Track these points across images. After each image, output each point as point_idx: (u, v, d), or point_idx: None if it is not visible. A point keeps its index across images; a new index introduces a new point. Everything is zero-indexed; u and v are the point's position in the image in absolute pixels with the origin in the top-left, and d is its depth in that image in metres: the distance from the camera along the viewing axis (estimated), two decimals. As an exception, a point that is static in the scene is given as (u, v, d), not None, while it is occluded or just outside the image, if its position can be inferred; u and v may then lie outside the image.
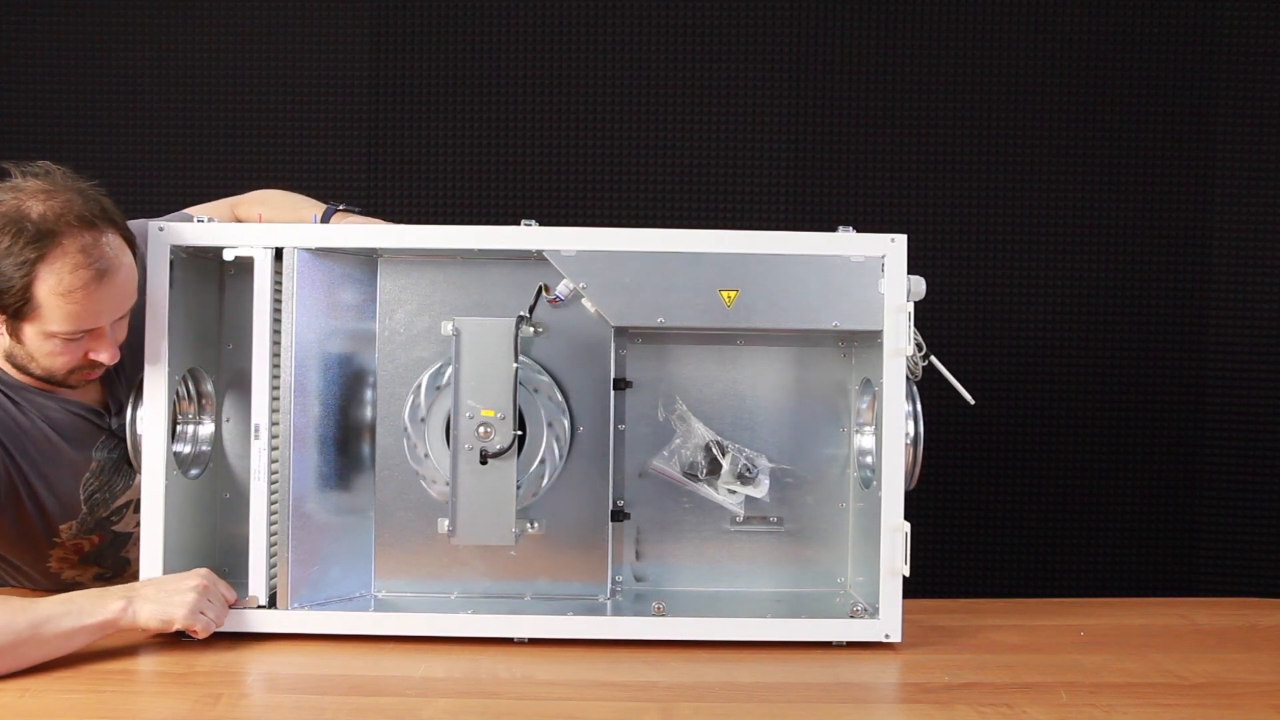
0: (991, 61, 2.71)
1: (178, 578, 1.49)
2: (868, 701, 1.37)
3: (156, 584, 1.48)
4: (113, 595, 1.43)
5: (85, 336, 1.49)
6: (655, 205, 2.72)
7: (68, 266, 1.42)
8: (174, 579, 1.49)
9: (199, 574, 1.50)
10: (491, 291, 1.63)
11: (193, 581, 1.48)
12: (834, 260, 1.55)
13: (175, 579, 1.49)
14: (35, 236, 1.41)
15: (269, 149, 2.72)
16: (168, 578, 1.51)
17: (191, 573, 1.50)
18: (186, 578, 1.49)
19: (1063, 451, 2.72)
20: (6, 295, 1.43)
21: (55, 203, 1.44)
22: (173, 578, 1.50)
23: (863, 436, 1.68)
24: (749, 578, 1.70)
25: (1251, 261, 2.70)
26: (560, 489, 1.64)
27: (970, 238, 2.71)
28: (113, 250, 1.46)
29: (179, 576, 1.50)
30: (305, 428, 1.56)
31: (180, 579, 1.49)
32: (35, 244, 1.41)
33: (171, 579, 1.49)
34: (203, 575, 1.49)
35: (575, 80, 2.74)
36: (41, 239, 1.41)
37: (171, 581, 1.49)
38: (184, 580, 1.48)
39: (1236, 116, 2.69)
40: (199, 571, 1.50)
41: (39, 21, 2.73)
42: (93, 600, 1.41)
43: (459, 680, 1.39)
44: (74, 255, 1.43)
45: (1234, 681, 1.42)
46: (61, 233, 1.43)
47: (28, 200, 1.43)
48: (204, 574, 1.50)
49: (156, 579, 1.51)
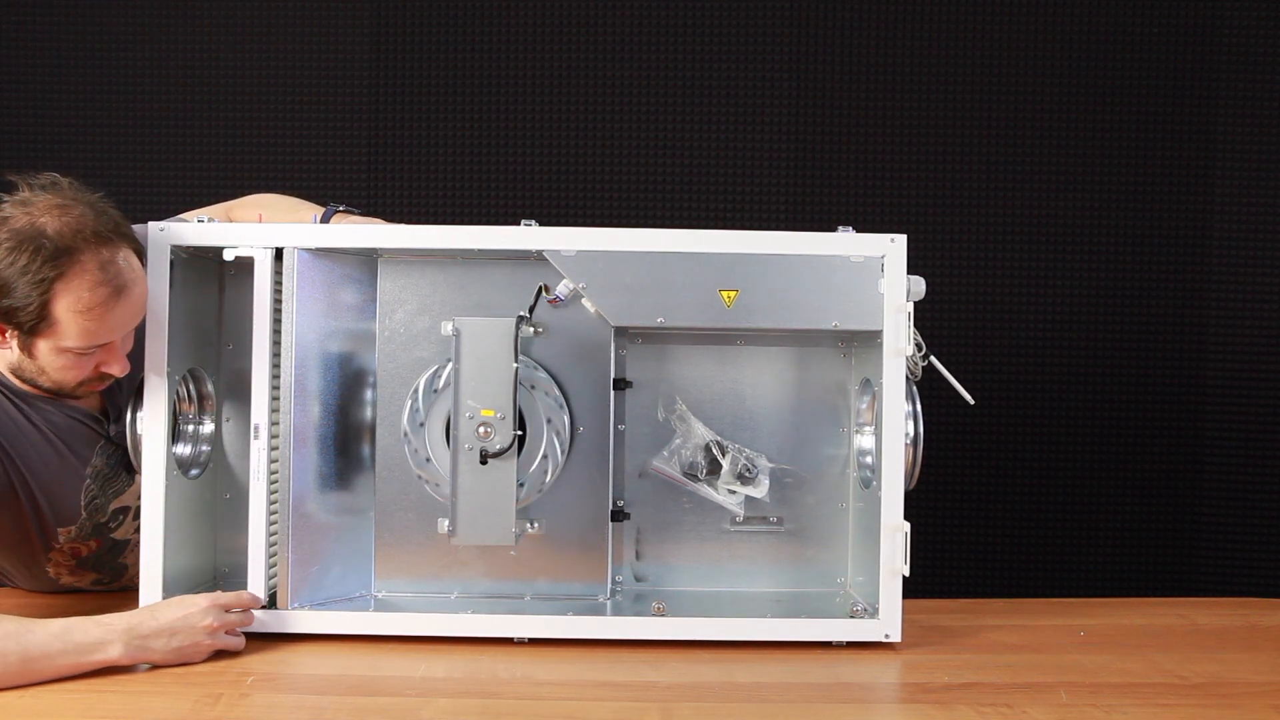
0: (991, 61, 2.71)
1: (183, 616, 1.41)
2: (868, 701, 1.37)
3: (167, 632, 1.39)
4: (111, 639, 1.35)
5: (98, 350, 1.48)
6: (655, 205, 2.72)
7: (86, 284, 1.41)
8: (179, 619, 1.40)
9: (203, 612, 1.42)
10: (491, 291, 1.63)
11: (203, 622, 1.41)
12: (834, 260, 1.55)
13: (180, 618, 1.40)
14: (53, 254, 1.39)
15: (269, 149, 2.72)
16: (172, 618, 1.40)
17: (196, 609, 1.42)
18: (191, 617, 1.41)
19: (1063, 451, 2.72)
20: (22, 313, 1.41)
21: (70, 218, 1.42)
22: (176, 618, 1.40)
23: (863, 436, 1.68)
24: (749, 578, 1.70)
25: (1251, 261, 2.70)
26: (560, 489, 1.64)
27: (970, 238, 2.71)
28: (129, 266, 1.45)
29: (183, 614, 1.41)
30: (305, 428, 1.56)
31: (185, 618, 1.40)
32: (53, 262, 1.39)
33: (176, 619, 1.40)
34: (208, 612, 1.42)
35: (575, 80, 2.74)
36: (59, 256, 1.39)
37: (181, 627, 1.40)
38: (190, 622, 1.41)
39: (1236, 116, 2.69)
40: (201, 606, 1.42)
41: (39, 21, 2.73)
42: (90, 640, 1.34)
43: (459, 680, 1.39)
44: (93, 273, 1.41)
45: (1234, 681, 1.42)
46: (79, 249, 1.41)
47: (41, 216, 1.41)
48: (207, 609, 1.42)
49: (163, 618, 1.40)
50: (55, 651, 1.32)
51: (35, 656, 1.31)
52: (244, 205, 1.90)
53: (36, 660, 1.31)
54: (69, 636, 1.34)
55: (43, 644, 1.32)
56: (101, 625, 1.37)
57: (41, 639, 1.32)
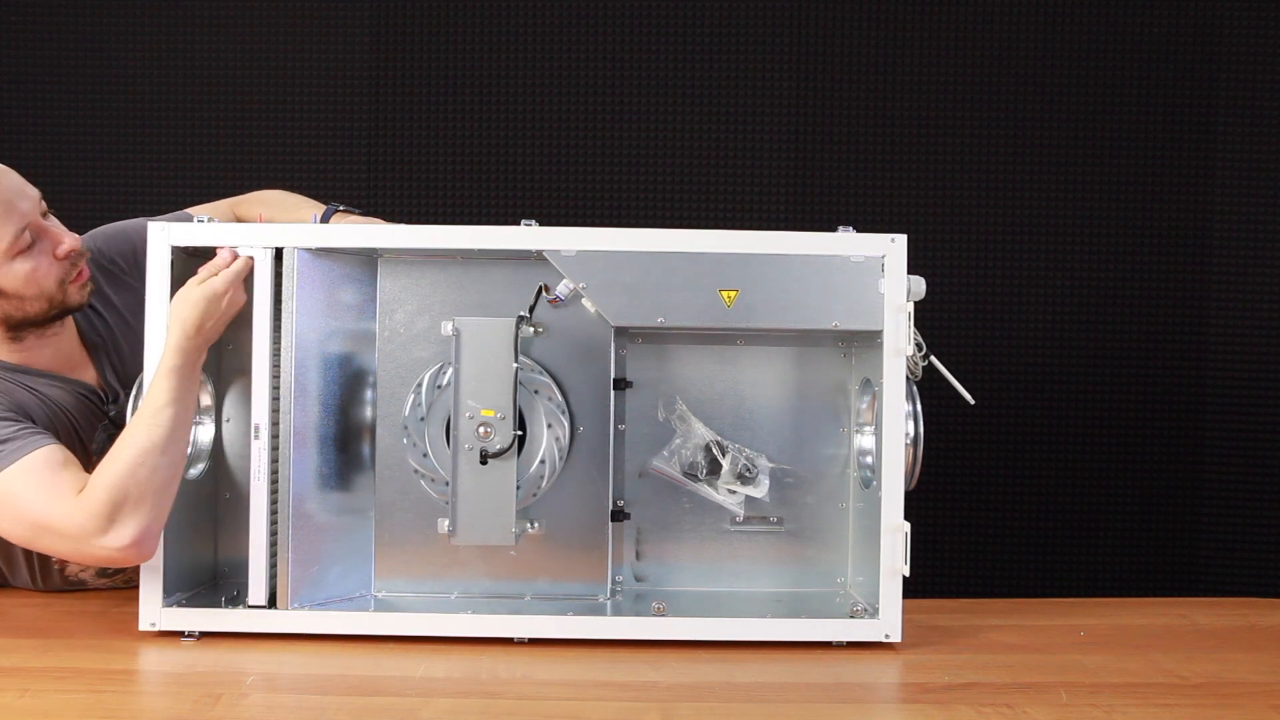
0: (991, 62, 2.71)
1: (200, 303, 1.49)
2: (868, 701, 1.37)
3: (199, 319, 1.48)
4: (177, 356, 1.46)
5: (37, 238, 1.53)
6: (655, 205, 2.72)
7: None
8: (203, 308, 1.49)
9: (203, 289, 1.49)
10: (491, 291, 1.63)
11: (216, 291, 1.49)
12: (834, 260, 1.55)
13: (202, 310, 1.49)
14: None
15: (269, 149, 2.72)
16: (199, 314, 1.49)
17: (203, 295, 1.49)
18: (205, 299, 1.49)
19: (1063, 451, 2.72)
20: None
21: None
22: (201, 312, 1.49)
23: (863, 436, 1.68)
24: (749, 578, 1.70)
25: (1251, 261, 2.70)
26: (560, 489, 1.64)
27: (970, 238, 2.71)
28: None
29: (201, 302, 1.49)
30: (305, 428, 1.56)
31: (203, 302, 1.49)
32: None
33: (202, 311, 1.49)
34: (208, 283, 1.50)
35: (575, 80, 2.73)
36: None
37: (211, 312, 1.49)
38: (209, 301, 1.49)
39: (1236, 116, 2.69)
40: (201, 292, 1.49)
41: (39, 21, 2.73)
42: (162, 364, 1.46)
43: (459, 680, 1.39)
44: None
45: (1234, 681, 1.42)
46: None
47: None
48: (206, 286, 1.49)
49: (189, 317, 1.48)
50: (150, 409, 1.45)
51: (150, 426, 1.44)
52: (248, 202, 1.90)
53: (155, 419, 1.44)
54: (160, 391, 1.45)
55: (140, 423, 1.44)
56: (166, 357, 1.47)
57: (136, 424, 1.45)
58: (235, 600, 1.56)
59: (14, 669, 1.39)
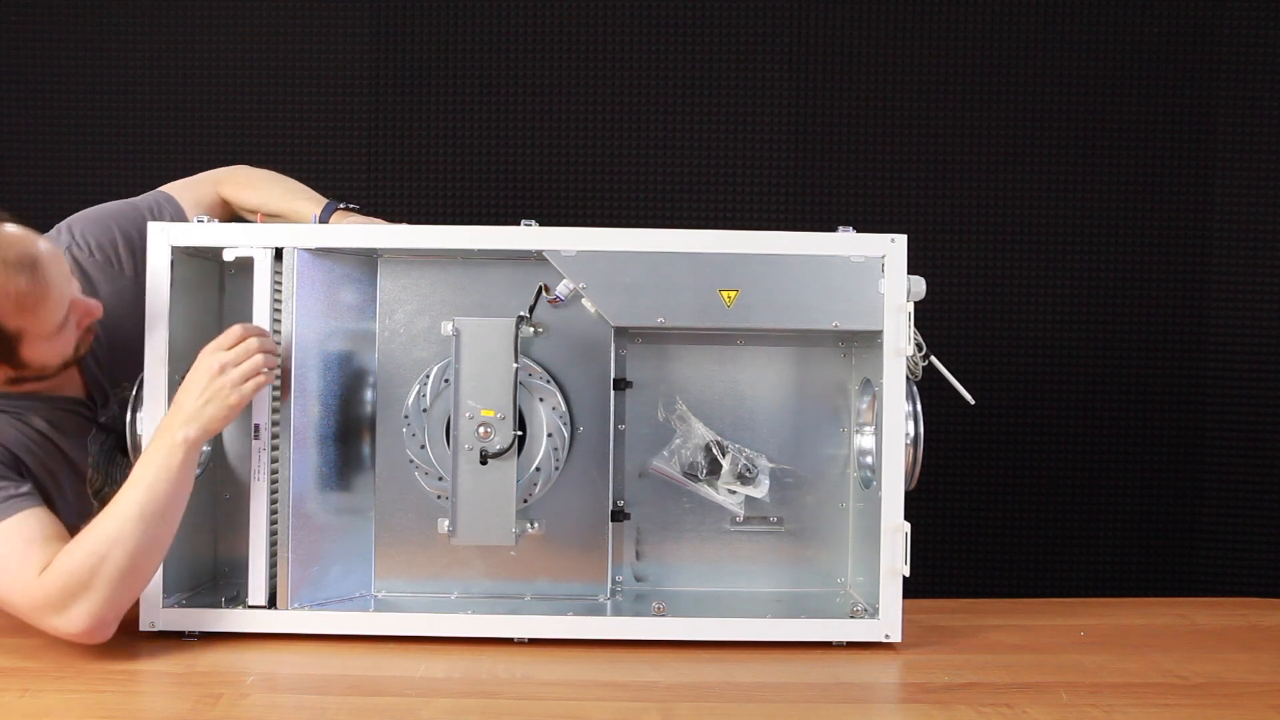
0: (991, 62, 2.71)
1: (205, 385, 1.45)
2: (868, 701, 1.37)
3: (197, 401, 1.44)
4: (168, 435, 1.43)
5: (68, 313, 1.49)
6: (655, 205, 2.72)
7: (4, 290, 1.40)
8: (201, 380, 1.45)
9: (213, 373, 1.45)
10: (491, 291, 1.63)
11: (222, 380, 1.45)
12: (834, 260, 1.55)
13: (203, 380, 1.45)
14: None
15: (269, 149, 2.72)
16: (198, 396, 1.45)
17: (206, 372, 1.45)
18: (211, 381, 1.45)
19: (1063, 451, 2.72)
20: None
21: None
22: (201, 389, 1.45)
23: (863, 436, 1.68)
24: (749, 578, 1.70)
25: (1251, 261, 2.70)
26: (560, 489, 1.64)
27: (970, 238, 2.71)
28: (15, 240, 1.42)
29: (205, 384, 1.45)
30: (305, 428, 1.56)
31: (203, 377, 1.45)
32: None
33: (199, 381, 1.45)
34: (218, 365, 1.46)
35: (575, 80, 2.74)
36: None
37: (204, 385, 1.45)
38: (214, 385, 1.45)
39: (1236, 116, 2.69)
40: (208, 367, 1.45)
41: (39, 21, 2.73)
42: (161, 454, 1.43)
43: (459, 680, 1.39)
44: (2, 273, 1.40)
45: (1234, 681, 1.42)
46: None
47: None
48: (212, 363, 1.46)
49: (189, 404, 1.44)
50: (160, 486, 1.42)
51: (140, 509, 1.41)
52: (232, 181, 1.86)
53: (146, 507, 1.41)
54: (146, 469, 1.43)
55: (132, 497, 1.42)
56: (159, 436, 1.45)
57: (126, 495, 1.42)
58: (235, 600, 1.56)
59: (14, 669, 1.39)
